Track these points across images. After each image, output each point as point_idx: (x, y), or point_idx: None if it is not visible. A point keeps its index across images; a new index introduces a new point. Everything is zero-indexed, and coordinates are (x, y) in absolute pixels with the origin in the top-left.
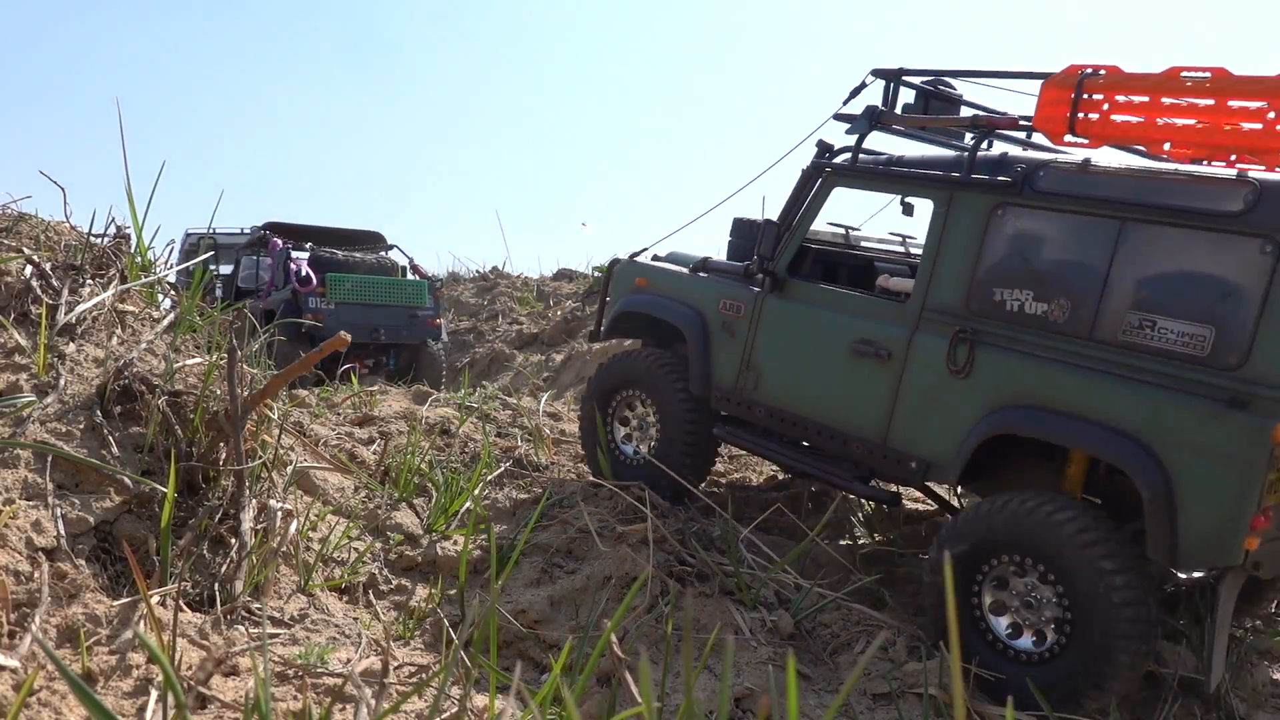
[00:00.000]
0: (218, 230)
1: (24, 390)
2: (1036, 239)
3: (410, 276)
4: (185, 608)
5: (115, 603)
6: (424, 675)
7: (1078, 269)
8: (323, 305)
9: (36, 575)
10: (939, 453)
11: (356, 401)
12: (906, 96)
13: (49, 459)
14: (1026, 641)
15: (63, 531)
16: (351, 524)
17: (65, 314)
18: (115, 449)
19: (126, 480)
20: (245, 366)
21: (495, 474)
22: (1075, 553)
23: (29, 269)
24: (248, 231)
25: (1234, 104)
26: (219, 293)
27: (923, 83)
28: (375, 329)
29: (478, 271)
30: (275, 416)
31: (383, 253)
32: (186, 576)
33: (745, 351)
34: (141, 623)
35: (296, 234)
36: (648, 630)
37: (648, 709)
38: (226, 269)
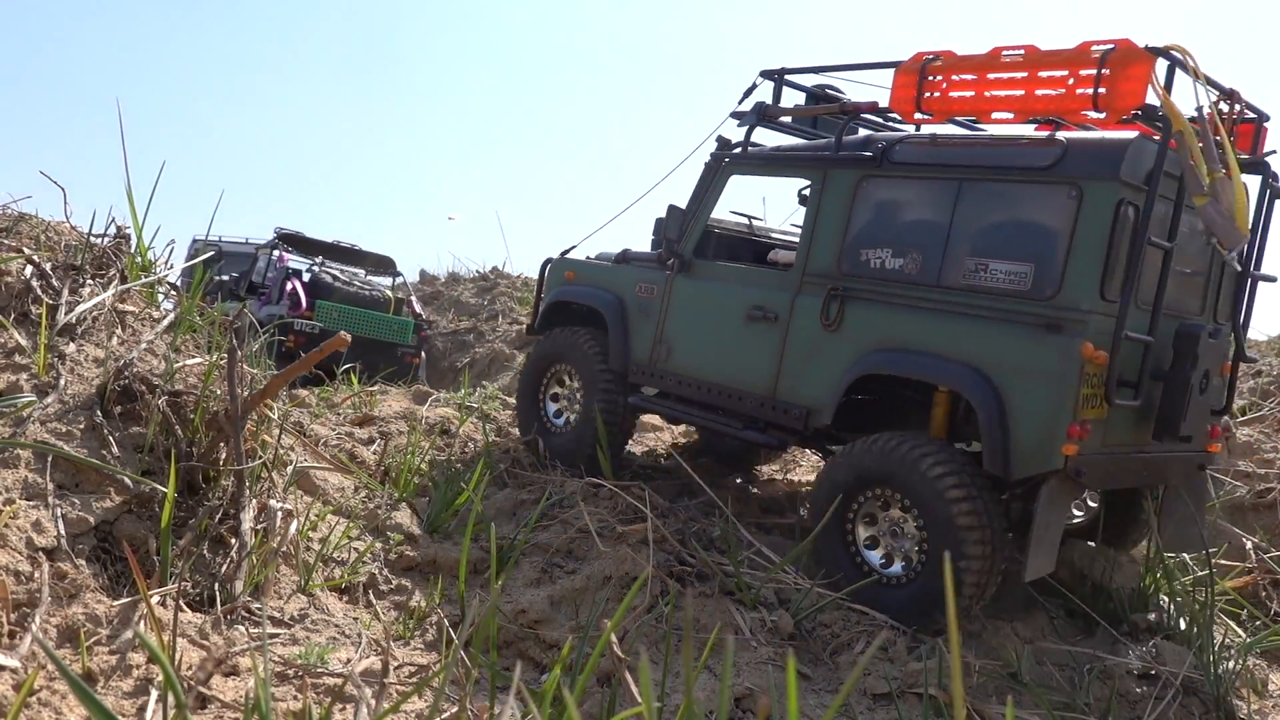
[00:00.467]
0: (223, 239)
1: (24, 390)
2: (894, 204)
3: (403, 311)
4: (185, 608)
5: (115, 603)
6: (424, 675)
7: (927, 226)
8: (307, 329)
9: (36, 575)
10: (817, 400)
11: (356, 401)
12: (798, 98)
13: (49, 459)
14: (895, 567)
15: (63, 531)
16: (351, 524)
17: (65, 314)
18: (115, 449)
19: (126, 480)
20: (245, 366)
21: (495, 474)
22: (924, 480)
23: (29, 269)
24: (252, 241)
25: (1043, 74)
26: (233, 288)
27: (813, 86)
28: (354, 360)
29: (478, 271)
30: (275, 416)
31: (392, 277)
32: (186, 576)
33: (658, 328)
34: (141, 623)
35: (310, 247)
36: (648, 630)
37: (648, 709)
38: (225, 276)
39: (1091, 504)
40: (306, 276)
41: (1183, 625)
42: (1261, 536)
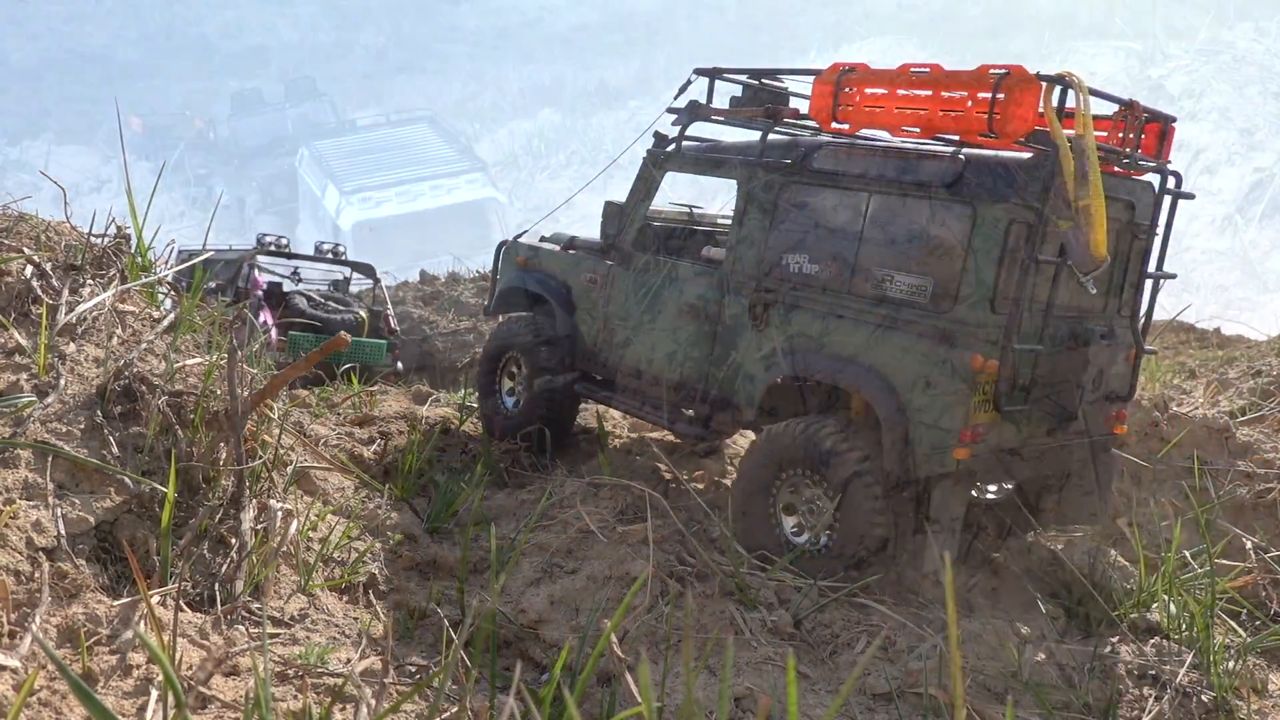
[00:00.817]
0: (205, 246)
1: (24, 390)
2: (812, 210)
3: (379, 325)
4: (185, 608)
5: (115, 603)
6: (424, 675)
7: (840, 235)
8: (280, 360)
9: (37, 575)
10: (743, 396)
11: (356, 401)
12: (735, 90)
13: (49, 459)
14: (811, 538)
15: (63, 531)
16: (351, 524)
17: (65, 314)
18: (115, 449)
19: (126, 480)
20: (245, 366)
21: (495, 474)
22: (837, 462)
23: (29, 269)
24: (235, 248)
25: (945, 94)
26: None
27: (748, 77)
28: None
29: (478, 272)
30: (275, 416)
31: (373, 284)
32: (186, 576)
33: (601, 317)
34: (142, 623)
35: (291, 258)
36: (648, 630)
37: (648, 709)
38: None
39: (1006, 485)
40: (287, 286)
41: (1183, 625)
42: (1261, 536)
